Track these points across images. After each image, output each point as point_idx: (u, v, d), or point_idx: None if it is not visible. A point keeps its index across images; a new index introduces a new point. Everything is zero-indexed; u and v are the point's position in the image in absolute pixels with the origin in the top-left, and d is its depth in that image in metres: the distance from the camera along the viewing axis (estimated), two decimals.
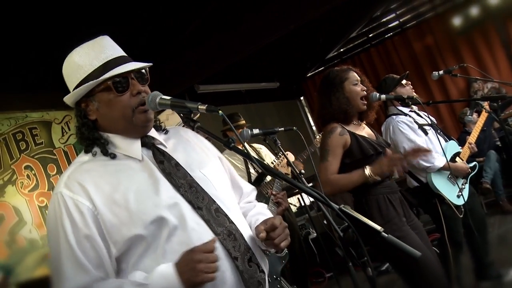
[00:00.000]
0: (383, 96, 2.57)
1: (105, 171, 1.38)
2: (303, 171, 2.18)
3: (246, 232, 1.46)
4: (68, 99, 1.44)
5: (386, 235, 1.26)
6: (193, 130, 1.37)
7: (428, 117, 3.36)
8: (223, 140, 1.34)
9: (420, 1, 6.99)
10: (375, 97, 2.56)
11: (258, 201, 2.65)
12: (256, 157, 2.80)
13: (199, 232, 1.34)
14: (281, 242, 1.41)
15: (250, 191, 1.78)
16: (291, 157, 3.59)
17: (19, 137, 3.89)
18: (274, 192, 2.50)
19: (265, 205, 1.75)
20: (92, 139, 1.42)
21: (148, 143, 1.45)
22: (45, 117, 4.12)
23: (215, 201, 1.41)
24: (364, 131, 2.60)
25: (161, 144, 1.49)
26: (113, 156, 1.41)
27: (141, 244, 1.32)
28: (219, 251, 1.33)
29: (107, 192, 1.34)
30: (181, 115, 1.36)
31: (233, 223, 1.41)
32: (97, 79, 1.36)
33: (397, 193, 2.53)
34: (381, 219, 2.36)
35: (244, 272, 1.36)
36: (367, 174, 2.36)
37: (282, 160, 2.93)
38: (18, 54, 3.31)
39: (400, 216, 2.43)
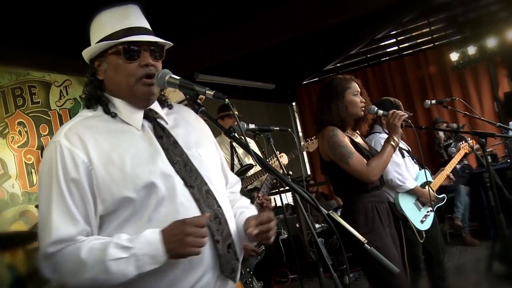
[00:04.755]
0: (380, 112, 2.60)
1: (107, 130, 1.39)
2: (291, 172, 2.24)
3: (231, 219, 1.48)
4: (85, 54, 1.46)
5: (369, 247, 1.27)
6: (197, 113, 1.38)
7: (406, 145, 3.52)
8: (225, 128, 1.37)
9: (420, 32, 7.20)
10: (373, 110, 2.60)
11: None
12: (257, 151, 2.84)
13: (187, 208, 1.35)
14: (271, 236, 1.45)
15: (235, 182, 1.79)
16: (284, 159, 3.53)
17: (18, 93, 3.84)
18: (260, 195, 2.55)
19: (249, 200, 1.78)
20: (95, 96, 1.44)
21: (150, 116, 1.46)
22: (46, 77, 4.08)
23: (206, 183, 1.43)
24: (358, 139, 2.65)
25: (162, 119, 1.50)
26: (114, 115, 1.42)
27: (128, 208, 1.32)
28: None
29: (106, 150, 1.34)
30: (187, 96, 1.38)
31: (220, 207, 1.44)
32: (109, 41, 1.39)
33: (385, 203, 2.58)
34: (366, 227, 2.39)
35: (222, 256, 1.38)
36: (394, 144, 2.48)
37: (275, 162, 2.94)
38: (30, 13, 3.25)
39: (384, 226, 2.47)
